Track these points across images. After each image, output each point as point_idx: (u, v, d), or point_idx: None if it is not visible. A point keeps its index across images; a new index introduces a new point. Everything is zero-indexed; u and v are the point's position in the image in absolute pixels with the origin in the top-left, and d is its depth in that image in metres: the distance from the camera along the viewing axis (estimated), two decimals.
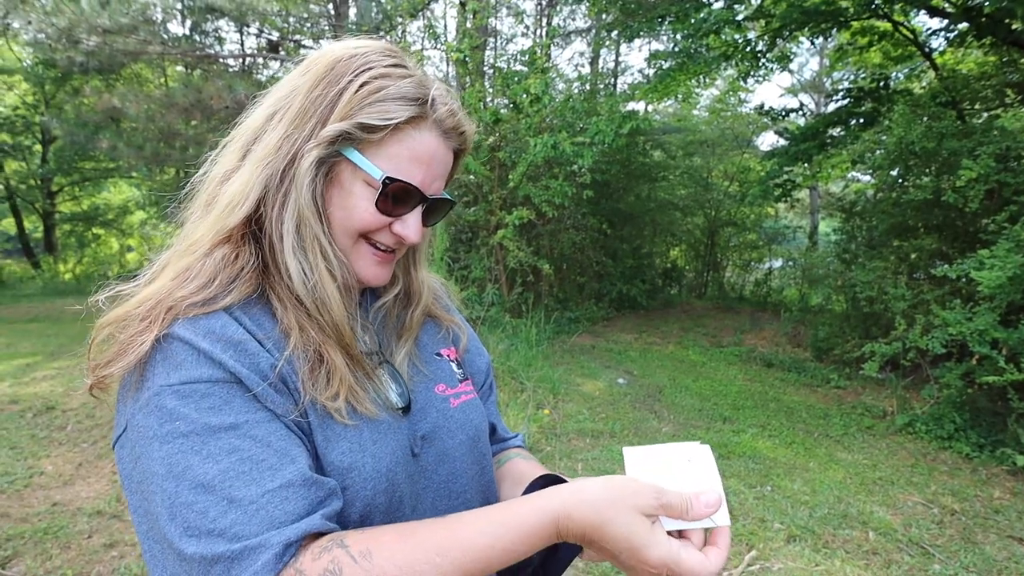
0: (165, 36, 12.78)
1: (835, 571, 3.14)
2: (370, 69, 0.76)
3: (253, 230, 0.77)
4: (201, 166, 0.84)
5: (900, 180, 7.35)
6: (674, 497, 0.66)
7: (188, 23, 13.33)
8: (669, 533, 0.65)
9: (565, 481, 0.83)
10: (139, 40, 11.82)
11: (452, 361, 0.97)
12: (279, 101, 0.79)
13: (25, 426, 4.62)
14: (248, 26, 14.41)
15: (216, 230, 0.76)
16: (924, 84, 8.69)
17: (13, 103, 17.82)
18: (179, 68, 15.48)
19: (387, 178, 0.76)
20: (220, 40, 14.71)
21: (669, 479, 0.69)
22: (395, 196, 0.78)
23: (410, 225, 0.80)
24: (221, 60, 13.19)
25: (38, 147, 18.48)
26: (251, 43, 14.67)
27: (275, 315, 0.76)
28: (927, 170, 6.53)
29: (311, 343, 0.75)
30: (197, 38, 14.01)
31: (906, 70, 8.93)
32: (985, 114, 7.20)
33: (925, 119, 6.24)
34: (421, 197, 0.80)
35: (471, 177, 8.35)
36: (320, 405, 0.73)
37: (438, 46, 8.77)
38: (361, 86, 0.75)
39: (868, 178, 9.86)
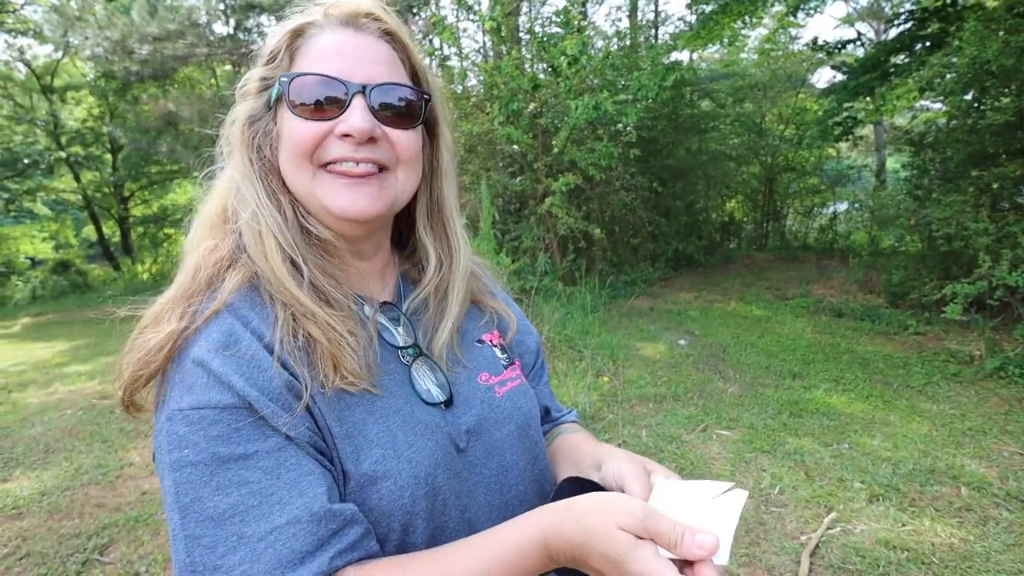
0: (211, 37, 13.12)
1: (924, 531, 2.98)
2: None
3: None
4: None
5: (976, 104, 6.75)
6: (664, 524, 0.59)
7: (231, 22, 13.64)
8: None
9: (590, 481, 0.79)
10: (187, 44, 12.18)
11: (495, 346, 0.92)
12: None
13: (114, 420, 4.94)
14: (288, 19, 14.60)
15: (203, 224, 0.79)
16: None
17: (82, 116, 18.91)
18: (227, 67, 15.89)
19: (284, 75, 0.74)
20: (263, 35, 14.99)
21: (681, 513, 0.64)
22: (310, 92, 0.72)
23: (353, 115, 0.72)
24: None
25: (108, 156, 19.62)
26: None
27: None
28: (1006, 90, 5.97)
29: (298, 327, 0.71)
30: (241, 36, 14.30)
31: None
32: None
33: (1001, 34, 5.68)
34: (347, 86, 0.72)
35: (515, 147, 8.23)
36: (329, 394, 0.69)
37: (471, 17, 8.56)
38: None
39: (939, 106, 9.13)
